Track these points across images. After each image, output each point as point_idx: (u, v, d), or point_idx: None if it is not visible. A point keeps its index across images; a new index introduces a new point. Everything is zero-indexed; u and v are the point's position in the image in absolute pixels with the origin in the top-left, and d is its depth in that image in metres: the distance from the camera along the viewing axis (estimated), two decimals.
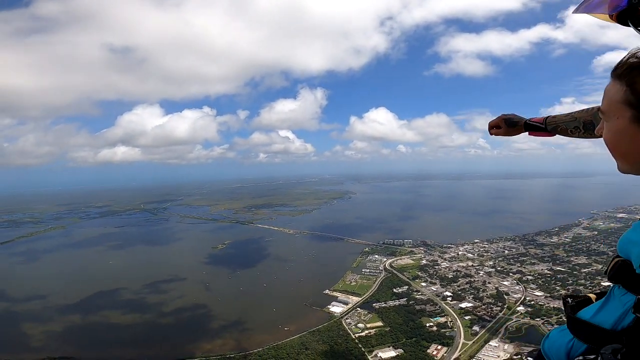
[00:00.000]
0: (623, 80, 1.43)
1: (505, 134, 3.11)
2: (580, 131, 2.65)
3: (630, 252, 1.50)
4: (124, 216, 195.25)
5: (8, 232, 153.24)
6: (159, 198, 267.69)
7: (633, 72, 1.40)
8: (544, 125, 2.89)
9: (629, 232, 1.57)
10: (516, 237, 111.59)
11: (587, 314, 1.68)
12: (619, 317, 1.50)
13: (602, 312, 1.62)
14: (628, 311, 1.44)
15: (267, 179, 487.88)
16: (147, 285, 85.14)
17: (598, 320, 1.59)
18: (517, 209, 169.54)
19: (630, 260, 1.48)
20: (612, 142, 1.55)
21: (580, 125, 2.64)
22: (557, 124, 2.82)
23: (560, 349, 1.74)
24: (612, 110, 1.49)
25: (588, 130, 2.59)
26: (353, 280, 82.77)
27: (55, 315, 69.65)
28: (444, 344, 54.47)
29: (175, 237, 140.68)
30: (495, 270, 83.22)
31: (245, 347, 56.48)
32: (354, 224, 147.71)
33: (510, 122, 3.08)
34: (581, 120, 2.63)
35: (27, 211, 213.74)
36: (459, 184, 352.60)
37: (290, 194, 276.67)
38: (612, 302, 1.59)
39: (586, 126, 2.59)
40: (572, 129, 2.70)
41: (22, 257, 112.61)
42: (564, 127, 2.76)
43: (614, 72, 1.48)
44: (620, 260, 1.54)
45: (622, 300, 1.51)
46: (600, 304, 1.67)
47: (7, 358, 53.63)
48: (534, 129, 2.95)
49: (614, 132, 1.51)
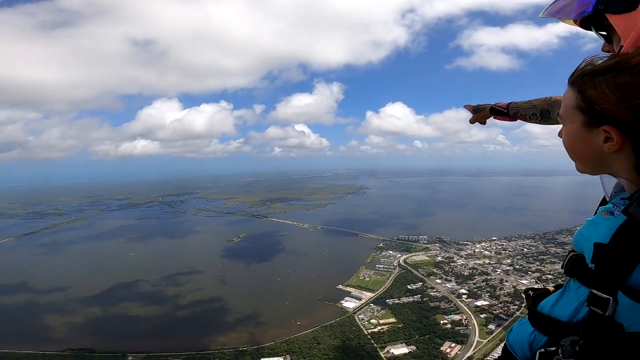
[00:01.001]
0: (575, 87, 1.48)
1: (475, 120, 3.28)
2: (537, 117, 2.75)
3: (583, 248, 1.56)
4: (143, 208, 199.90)
5: (33, 223, 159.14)
6: (176, 191, 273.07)
7: (584, 78, 1.44)
8: (506, 110, 2.99)
9: (582, 227, 1.63)
10: (536, 235, 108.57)
11: (545, 307, 1.72)
12: (575, 310, 1.56)
13: (559, 304, 1.67)
14: (583, 304, 1.50)
15: (281, 173, 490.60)
16: (165, 278, 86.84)
17: (556, 312, 1.65)
18: (537, 207, 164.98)
19: (584, 255, 1.55)
20: (568, 145, 1.62)
21: (537, 113, 2.73)
22: (518, 110, 2.90)
23: (523, 341, 1.79)
24: (567, 114, 1.56)
25: (544, 117, 2.70)
26: (367, 276, 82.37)
27: (77, 307, 71.50)
28: (458, 342, 53.58)
29: (191, 230, 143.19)
30: (513, 269, 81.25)
31: (258, 341, 56.92)
32: (369, 219, 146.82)
33: (477, 109, 3.25)
34: (538, 108, 2.72)
35: (52, 203, 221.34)
36: (477, 181, 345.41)
37: (305, 188, 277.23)
38: (567, 295, 1.65)
39: (542, 113, 2.69)
40: (530, 115, 2.80)
41: (46, 249, 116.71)
42: (524, 112, 2.85)
43: (569, 79, 1.54)
44: (575, 255, 1.61)
45: (577, 293, 1.57)
46: (557, 296, 1.71)
47: (30, 350, 55.07)
48: (497, 113, 3.08)
49: (569, 136, 1.59)
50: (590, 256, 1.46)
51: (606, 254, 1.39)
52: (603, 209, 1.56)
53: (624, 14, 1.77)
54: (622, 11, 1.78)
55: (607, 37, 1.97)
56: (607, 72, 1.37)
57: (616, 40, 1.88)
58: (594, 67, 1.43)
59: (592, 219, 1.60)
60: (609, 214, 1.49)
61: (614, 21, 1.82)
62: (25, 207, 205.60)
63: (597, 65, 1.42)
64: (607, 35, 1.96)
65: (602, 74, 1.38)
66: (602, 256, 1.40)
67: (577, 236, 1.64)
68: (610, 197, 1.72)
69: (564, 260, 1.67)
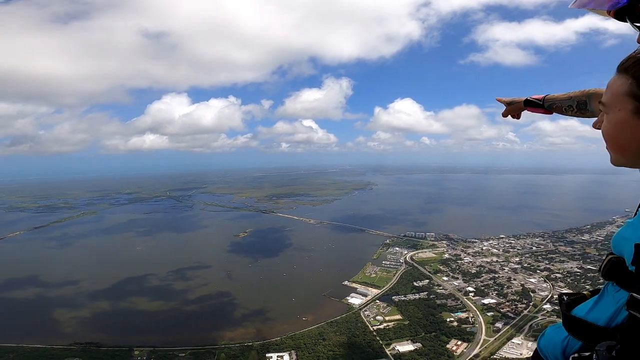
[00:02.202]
0: (629, 73, 1.45)
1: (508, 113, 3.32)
2: (573, 110, 2.73)
3: (623, 249, 1.52)
4: (151, 203, 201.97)
5: (44, 217, 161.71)
6: (183, 186, 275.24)
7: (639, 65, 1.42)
8: (542, 102, 2.97)
9: (622, 229, 1.59)
10: (545, 233, 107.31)
11: (581, 311, 1.69)
12: (613, 314, 1.51)
13: (596, 309, 1.62)
14: (621, 308, 1.45)
15: (288, 169, 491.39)
16: (173, 272, 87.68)
17: (592, 317, 1.60)
18: (546, 205, 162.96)
19: (623, 258, 1.50)
20: (611, 134, 1.56)
21: (573, 104, 2.71)
22: (553, 102, 2.88)
23: (556, 347, 1.75)
24: (614, 102, 1.50)
25: (580, 110, 2.68)
26: (373, 272, 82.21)
27: (86, 301, 72.21)
28: (464, 340, 53.32)
29: (198, 225, 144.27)
30: (521, 267, 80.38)
31: (264, 336, 57.27)
32: (375, 216, 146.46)
33: (511, 102, 3.27)
34: (575, 100, 2.70)
35: (62, 197, 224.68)
36: (486, 178, 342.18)
37: (312, 184, 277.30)
38: (605, 299, 1.60)
39: (579, 105, 2.68)
40: (566, 107, 2.78)
41: (56, 242, 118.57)
42: (559, 104, 2.83)
43: (620, 66, 1.51)
44: (613, 258, 1.55)
45: (615, 297, 1.52)
46: (594, 301, 1.68)
47: (38, 345, 55.78)
48: (532, 105, 3.06)
49: (615, 124, 1.52)
50: (631, 258, 1.42)
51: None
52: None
53: None
54: None
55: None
56: None
57: None
58: None
59: (632, 221, 1.54)
60: None
61: None
62: (36, 201, 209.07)
63: None
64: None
65: None
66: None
67: (616, 237, 1.59)
68: None
69: (602, 264, 1.60)
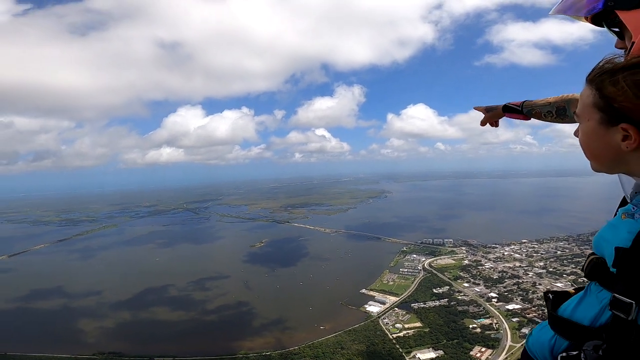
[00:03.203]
0: (593, 84, 1.49)
1: (486, 121, 3.24)
2: (552, 115, 2.70)
3: (603, 251, 1.54)
4: (169, 215, 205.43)
5: (67, 230, 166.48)
6: (200, 198, 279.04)
7: (602, 76, 1.45)
8: (520, 108, 2.92)
9: (602, 229, 1.61)
10: (569, 237, 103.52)
11: (566, 311, 1.71)
12: (597, 314, 1.53)
13: (580, 308, 1.65)
14: (605, 308, 1.47)
15: (302, 179, 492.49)
16: (192, 283, 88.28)
17: (577, 316, 1.62)
18: (569, 208, 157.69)
19: (605, 259, 1.53)
20: (584, 143, 1.63)
21: (553, 110, 2.68)
22: (532, 107, 2.84)
23: (543, 346, 1.75)
24: (584, 112, 1.57)
25: (560, 115, 2.65)
26: (390, 280, 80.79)
27: (108, 312, 73.28)
28: (488, 346, 51.41)
29: (215, 236, 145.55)
30: (546, 272, 77.53)
31: (282, 345, 56.70)
32: (391, 223, 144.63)
33: (489, 109, 3.19)
34: (554, 105, 2.67)
35: (83, 211, 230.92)
36: (504, 182, 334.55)
37: (326, 193, 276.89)
38: (589, 298, 1.62)
39: (558, 111, 2.65)
40: (545, 113, 2.74)
41: (79, 254, 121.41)
42: (539, 110, 2.79)
43: (587, 77, 1.55)
44: (595, 258, 1.58)
45: (598, 297, 1.54)
46: (578, 299, 1.70)
47: (63, 354, 56.76)
48: (510, 110, 3.01)
49: (586, 134, 1.60)
50: (612, 260, 1.45)
51: (628, 258, 1.36)
52: (623, 210, 1.54)
53: (634, 10, 1.74)
54: (631, 7, 1.75)
55: (620, 33, 1.93)
56: (627, 69, 1.38)
57: (628, 37, 1.84)
58: (613, 65, 1.43)
59: (612, 222, 1.57)
60: (629, 217, 1.47)
61: (624, 17, 1.79)
62: (59, 215, 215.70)
63: (617, 64, 1.42)
64: (620, 31, 1.93)
65: (622, 72, 1.38)
66: (623, 261, 1.38)
67: (596, 239, 1.62)
68: (630, 198, 1.69)
69: (584, 263, 1.65)
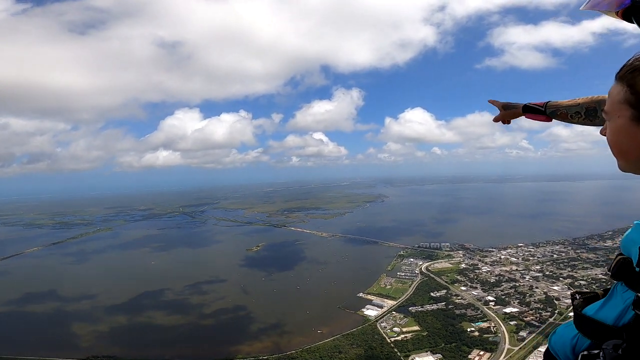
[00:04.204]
0: (624, 81, 1.50)
1: (500, 118, 3.10)
2: (580, 116, 2.59)
3: (630, 251, 1.55)
4: (165, 219, 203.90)
5: (61, 233, 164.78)
6: (196, 202, 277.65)
7: (634, 73, 1.46)
8: (543, 109, 2.79)
9: (631, 230, 1.62)
10: (565, 240, 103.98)
11: (591, 310, 1.72)
12: (620, 313, 1.53)
13: (604, 308, 1.66)
14: (629, 307, 1.47)
15: (299, 183, 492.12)
16: (189, 286, 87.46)
17: (601, 316, 1.63)
18: (565, 212, 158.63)
19: (631, 259, 1.54)
20: (613, 141, 1.61)
21: (582, 111, 2.57)
22: (557, 108, 2.73)
23: (565, 344, 1.79)
24: (613, 109, 1.56)
25: (589, 116, 2.54)
26: (388, 284, 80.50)
27: (103, 316, 72.25)
28: (487, 350, 51.31)
29: (212, 240, 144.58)
30: (543, 275, 77.68)
31: (279, 350, 56.17)
32: (388, 227, 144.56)
33: (507, 106, 3.04)
34: (583, 106, 2.57)
35: (78, 214, 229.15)
36: (500, 187, 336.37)
37: (323, 197, 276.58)
38: (614, 299, 1.64)
39: (588, 112, 2.54)
40: (572, 114, 2.63)
41: (73, 258, 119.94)
42: (564, 111, 2.68)
43: (617, 74, 1.56)
44: (622, 258, 1.59)
45: (623, 297, 1.55)
46: (604, 300, 1.73)
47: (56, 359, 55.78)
48: (531, 111, 2.86)
49: (615, 131, 1.58)
50: (637, 260, 1.45)
51: None
52: None
53: None
54: None
55: None
56: None
57: None
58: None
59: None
60: None
61: None
62: (53, 218, 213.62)
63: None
64: None
65: None
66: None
67: (625, 239, 1.63)
68: None
69: (611, 264, 1.65)
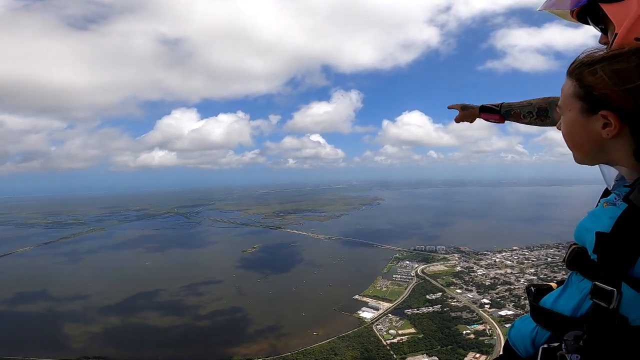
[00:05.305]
0: (573, 76, 1.53)
1: (461, 119, 3.16)
2: (532, 116, 2.65)
3: (585, 239, 1.54)
4: (160, 219, 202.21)
5: (53, 232, 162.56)
6: (191, 202, 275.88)
7: (581, 67, 1.50)
8: (498, 109, 2.86)
9: (584, 219, 1.57)
10: (560, 244, 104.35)
11: (548, 302, 1.69)
12: (578, 304, 1.52)
13: (561, 299, 1.62)
14: (586, 297, 1.46)
15: (295, 185, 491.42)
16: (184, 287, 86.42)
17: (558, 307, 1.60)
18: (559, 216, 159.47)
19: (586, 247, 1.52)
20: (567, 134, 1.64)
21: (533, 111, 2.64)
22: (511, 108, 2.80)
23: (525, 338, 1.72)
24: (565, 104, 1.59)
25: (540, 116, 2.61)
26: (384, 286, 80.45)
27: (96, 316, 71.13)
28: (482, 352, 51.27)
29: (207, 241, 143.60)
30: (537, 278, 77.89)
31: (276, 352, 55.72)
32: (384, 230, 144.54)
33: (466, 107, 3.11)
34: (535, 106, 2.63)
35: (72, 213, 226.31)
36: (495, 191, 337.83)
37: (319, 199, 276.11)
38: (570, 289, 1.60)
39: (539, 112, 2.61)
40: (525, 114, 2.70)
41: (65, 257, 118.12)
42: (518, 111, 2.74)
43: (567, 70, 1.59)
44: (576, 248, 1.56)
45: (579, 286, 1.53)
46: (559, 291, 1.68)
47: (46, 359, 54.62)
48: (487, 111, 2.95)
49: (568, 124, 1.61)
50: (592, 247, 1.44)
51: (609, 242, 1.35)
52: (605, 200, 1.56)
53: (618, 2, 1.76)
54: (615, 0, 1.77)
55: (604, 29, 1.95)
56: (605, 60, 1.43)
57: (611, 30, 1.86)
58: (591, 57, 1.49)
59: (594, 211, 1.58)
60: (611, 205, 1.47)
61: (608, 10, 1.81)
62: (46, 217, 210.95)
63: (595, 56, 1.49)
64: (604, 27, 1.94)
65: (600, 63, 1.44)
66: (604, 245, 1.37)
67: (578, 228, 1.61)
68: (613, 188, 1.69)
69: (565, 254, 1.61)
